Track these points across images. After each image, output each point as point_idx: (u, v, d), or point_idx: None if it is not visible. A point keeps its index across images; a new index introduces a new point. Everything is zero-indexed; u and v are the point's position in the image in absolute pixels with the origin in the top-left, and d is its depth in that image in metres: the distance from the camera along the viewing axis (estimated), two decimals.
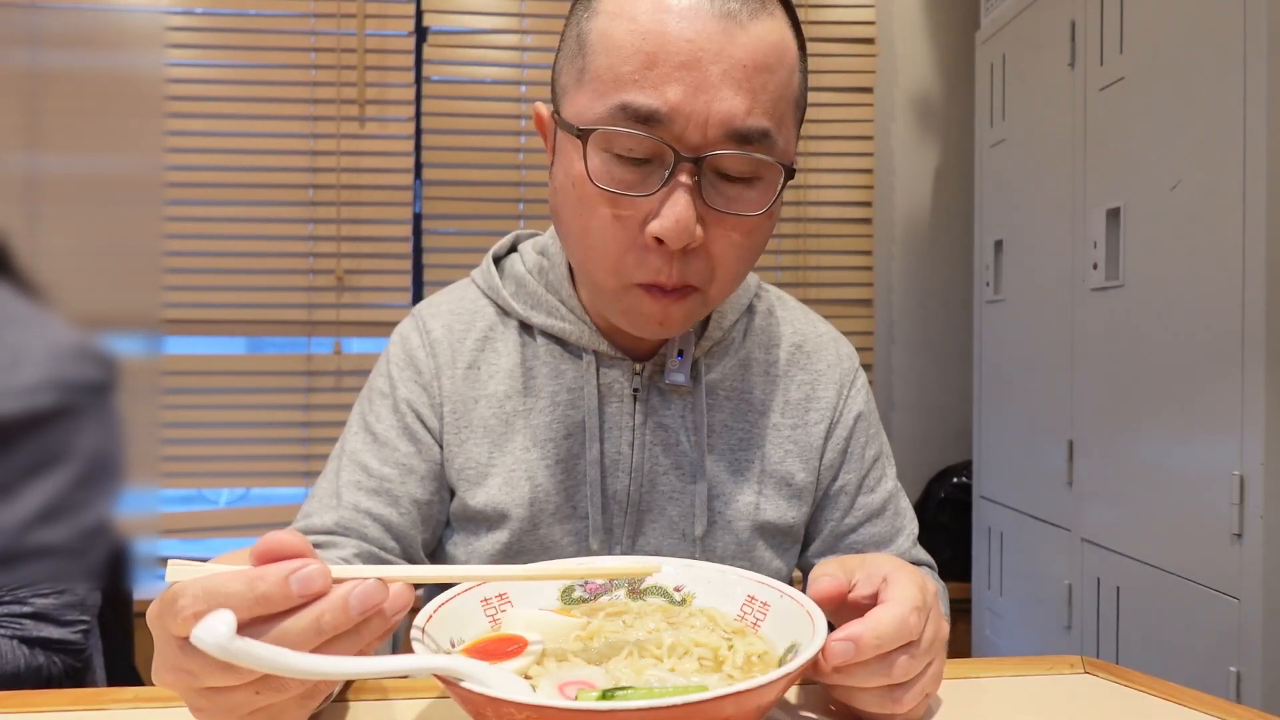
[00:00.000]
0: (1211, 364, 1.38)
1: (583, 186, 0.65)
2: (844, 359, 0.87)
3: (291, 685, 0.42)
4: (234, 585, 0.40)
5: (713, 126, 0.62)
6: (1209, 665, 1.38)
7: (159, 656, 0.43)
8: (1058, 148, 1.85)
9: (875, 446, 0.87)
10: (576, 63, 0.67)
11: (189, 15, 2.34)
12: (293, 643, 0.40)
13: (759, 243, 0.70)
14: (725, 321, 0.81)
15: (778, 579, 0.82)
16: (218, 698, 0.43)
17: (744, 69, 0.63)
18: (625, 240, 0.65)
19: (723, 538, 0.79)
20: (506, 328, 0.80)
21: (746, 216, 0.66)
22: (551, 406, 0.77)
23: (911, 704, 0.53)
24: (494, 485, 0.76)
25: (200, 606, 0.40)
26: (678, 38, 0.62)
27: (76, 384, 0.90)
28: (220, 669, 0.40)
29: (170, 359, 2.31)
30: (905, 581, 0.54)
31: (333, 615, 0.41)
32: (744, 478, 0.80)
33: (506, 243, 0.86)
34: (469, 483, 0.77)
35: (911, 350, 2.58)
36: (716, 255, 0.67)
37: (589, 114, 0.64)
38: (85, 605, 0.91)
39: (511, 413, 0.77)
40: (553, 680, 0.48)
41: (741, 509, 0.79)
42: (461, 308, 0.82)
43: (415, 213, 2.42)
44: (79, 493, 0.90)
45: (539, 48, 2.43)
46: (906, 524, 0.87)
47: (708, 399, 0.79)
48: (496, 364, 0.79)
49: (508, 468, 0.77)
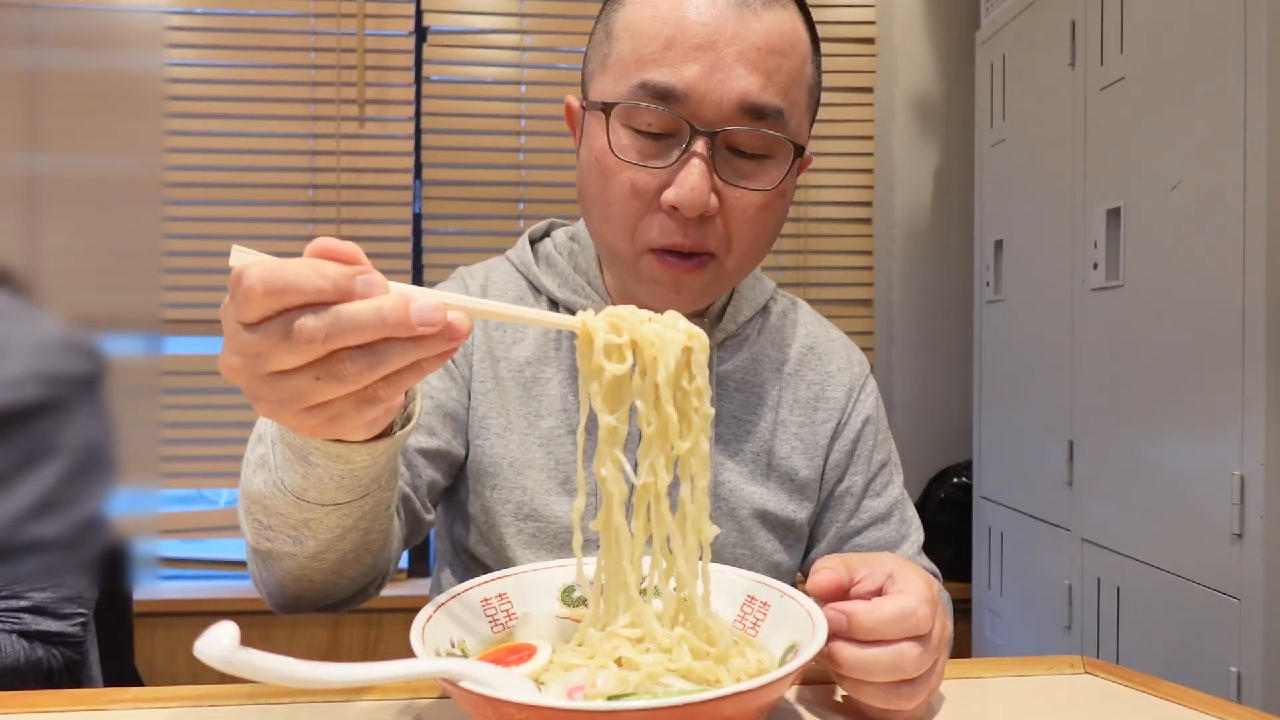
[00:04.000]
0: (1211, 364, 1.38)
1: (604, 159, 0.70)
2: (854, 364, 0.89)
3: (349, 374, 0.41)
4: (300, 266, 0.40)
5: (727, 103, 0.67)
6: (1209, 665, 1.38)
7: (225, 347, 0.43)
8: (1058, 148, 1.85)
9: (883, 452, 0.88)
10: (602, 49, 0.72)
11: (189, 15, 2.34)
12: (348, 324, 0.40)
13: (772, 222, 0.73)
14: (741, 316, 0.84)
15: (782, 574, 0.83)
16: (279, 385, 0.42)
17: (758, 50, 0.67)
18: (642, 208, 0.70)
19: (724, 524, 0.80)
20: (537, 301, 0.83)
21: (758, 191, 0.70)
22: (569, 379, 0.80)
23: (917, 700, 0.53)
24: (511, 443, 0.79)
25: (268, 278, 0.39)
26: (696, 22, 0.67)
27: (63, 377, 0.89)
28: (283, 343, 0.40)
29: (170, 359, 2.31)
30: (913, 577, 0.54)
31: (394, 311, 0.40)
32: (749, 468, 0.82)
33: (542, 227, 0.90)
34: (488, 433, 0.79)
35: (911, 350, 2.58)
36: (732, 227, 0.70)
37: (612, 92, 0.70)
38: (82, 598, 0.91)
39: (531, 379, 0.80)
40: (562, 685, 0.48)
41: (744, 497, 0.81)
42: (497, 276, 0.86)
43: (415, 213, 2.42)
44: (71, 486, 0.90)
45: (539, 48, 2.43)
46: (912, 531, 0.87)
47: (718, 389, 0.82)
48: (524, 331, 0.82)
49: (521, 432, 0.79)
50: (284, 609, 0.69)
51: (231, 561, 2.36)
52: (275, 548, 0.61)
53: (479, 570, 0.80)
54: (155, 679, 1.89)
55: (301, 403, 0.43)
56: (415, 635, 0.49)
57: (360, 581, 0.69)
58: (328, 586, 0.66)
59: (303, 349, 0.40)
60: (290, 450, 0.52)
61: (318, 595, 0.67)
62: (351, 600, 0.70)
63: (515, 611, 0.59)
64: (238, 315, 0.41)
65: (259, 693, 0.58)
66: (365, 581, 0.69)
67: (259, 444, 0.58)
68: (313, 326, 0.40)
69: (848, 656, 0.52)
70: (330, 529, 0.58)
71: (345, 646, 2.26)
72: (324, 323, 0.40)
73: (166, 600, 2.18)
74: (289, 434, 0.51)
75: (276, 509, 0.57)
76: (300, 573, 0.63)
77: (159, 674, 2.09)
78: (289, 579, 0.64)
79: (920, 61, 2.58)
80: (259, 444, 0.58)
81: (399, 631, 2.32)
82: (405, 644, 0.49)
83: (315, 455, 0.51)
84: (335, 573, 0.64)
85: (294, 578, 0.64)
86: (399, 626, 2.54)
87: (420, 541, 0.78)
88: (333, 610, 0.70)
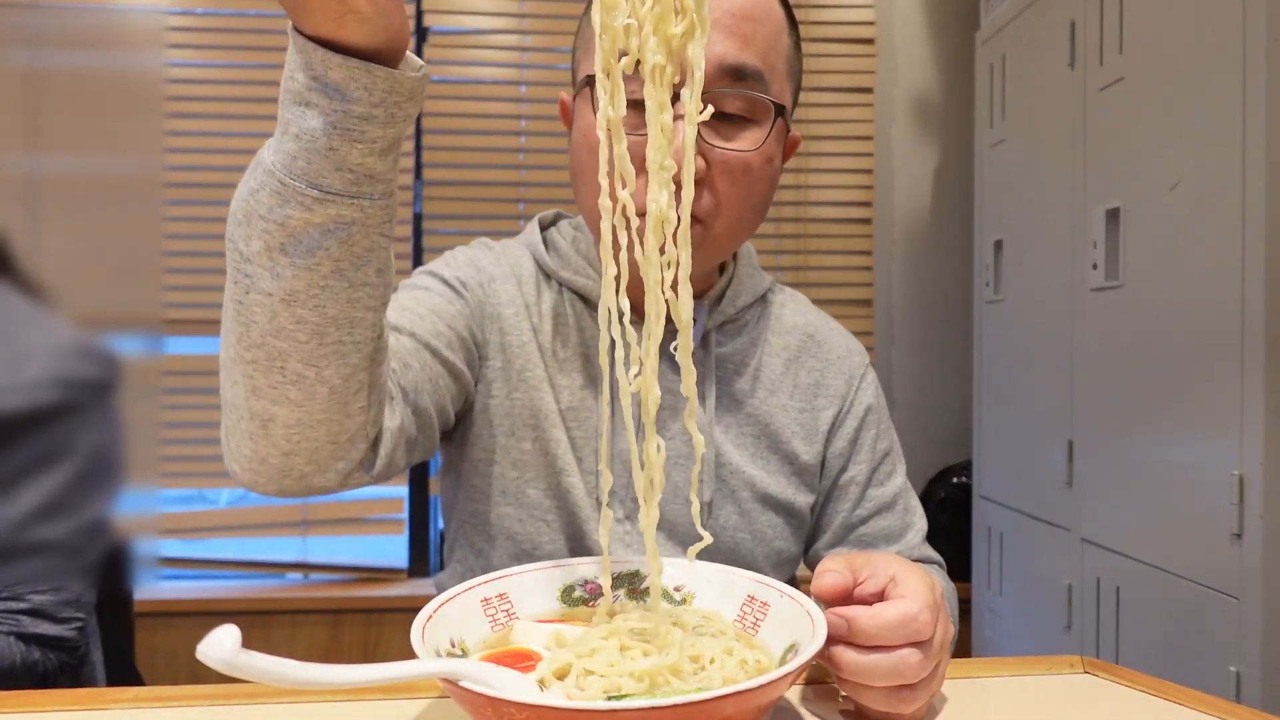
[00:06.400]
0: (1211, 364, 1.38)
1: (591, 132, 0.68)
2: (854, 353, 0.90)
3: None
4: None
5: (708, 68, 0.68)
6: (1209, 665, 1.38)
7: None
8: (1058, 148, 1.85)
9: (886, 441, 0.89)
10: (585, 34, 0.75)
11: (189, 15, 2.34)
12: None
13: (759, 189, 0.75)
14: (739, 301, 0.84)
15: (784, 562, 0.84)
16: None
17: (732, 16, 0.70)
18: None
19: (726, 506, 0.81)
20: (543, 280, 0.84)
21: (743, 152, 0.71)
22: (573, 357, 0.81)
23: (918, 704, 0.53)
24: (516, 407, 0.80)
25: None
26: None
27: (79, 381, 0.91)
28: None
29: (170, 359, 2.31)
30: (915, 581, 0.54)
31: None
32: (750, 450, 0.82)
33: (550, 216, 0.91)
34: (527, 385, 0.80)
35: (911, 350, 2.58)
36: (720, 191, 0.72)
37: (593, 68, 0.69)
38: (81, 603, 0.91)
39: (538, 350, 0.81)
40: (563, 687, 0.48)
41: (746, 479, 0.81)
42: (508, 253, 0.87)
43: (415, 213, 2.42)
44: (79, 490, 0.90)
45: (539, 48, 2.43)
46: (916, 520, 0.88)
47: (718, 371, 0.83)
48: (532, 305, 0.83)
49: (527, 403, 0.80)
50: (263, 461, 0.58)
51: (232, 561, 2.36)
52: (251, 292, 0.53)
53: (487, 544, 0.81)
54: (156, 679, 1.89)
55: None
56: (415, 635, 0.50)
57: (350, 425, 0.58)
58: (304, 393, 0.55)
59: None
60: (291, 102, 0.49)
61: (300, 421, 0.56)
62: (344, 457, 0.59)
63: (515, 611, 0.59)
64: None
65: (259, 693, 0.58)
66: (354, 428, 0.59)
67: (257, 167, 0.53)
68: None
69: (848, 661, 0.52)
70: (312, 249, 0.51)
71: (345, 647, 2.26)
72: None
73: (167, 600, 2.18)
74: (292, 83, 0.49)
75: (258, 212, 0.51)
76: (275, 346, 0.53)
77: (159, 674, 2.09)
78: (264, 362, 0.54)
79: (920, 61, 2.58)
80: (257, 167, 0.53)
81: (399, 631, 2.32)
82: (405, 644, 0.49)
83: (315, 95, 0.48)
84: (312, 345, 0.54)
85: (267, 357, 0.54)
86: (399, 626, 2.53)
87: (421, 460, 0.74)
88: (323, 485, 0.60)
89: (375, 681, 0.43)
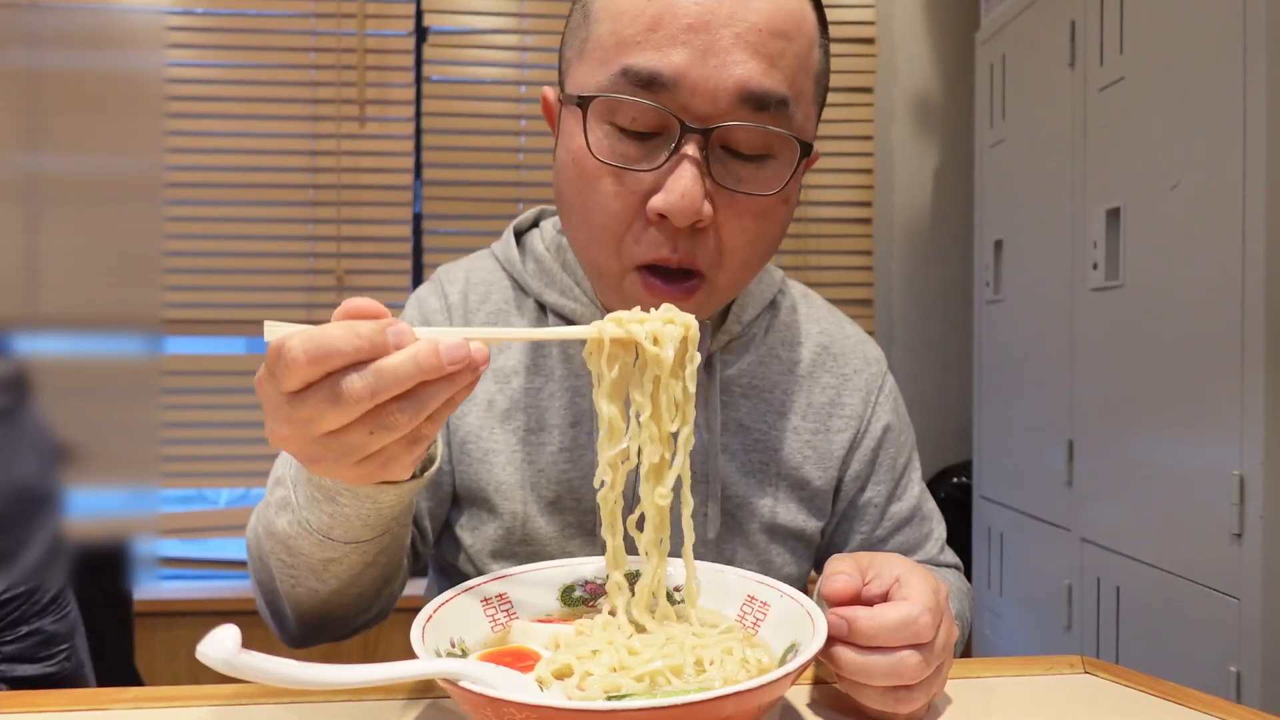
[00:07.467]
0: (1211, 364, 1.38)
1: (583, 161, 0.62)
2: (872, 363, 0.82)
3: (400, 423, 0.44)
4: (336, 331, 0.43)
5: (723, 94, 0.58)
6: (1209, 665, 1.38)
7: (270, 419, 0.45)
8: (1058, 148, 1.85)
9: (905, 454, 0.83)
10: (580, 34, 0.64)
11: (189, 15, 2.34)
12: (390, 379, 0.43)
13: (773, 230, 0.65)
14: (745, 316, 0.77)
15: (794, 581, 0.79)
16: (333, 443, 0.45)
17: (759, 32, 0.58)
18: (626, 218, 0.62)
19: (732, 540, 0.76)
20: (522, 305, 0.77)
21: (758, 196, 0.61)
22: (560, 391, 0.74)
23: (916, 705, 0.53)
24: (496, 465, 0.73)
25: (309, 346, 0.42)
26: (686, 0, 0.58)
27: None
28: (333, 407, 0.43)
29: (170, 359, 2.31)
30: (918, 583, 0.53)
31: (428, 357, 0.43)
32: (758, 478, 0.76)
33: (530, 217, 0.83)
34: (470, 459, 0.74)
35: (911, 350, 2.58)
36: (725, 239, 0.62)
37: (590, 83, 0.61)
38: (57, 636, 0.87)
39: (518, 390, 0.74)
40: (563, 688, 0.48)
41: (755, 512, 0.76)
42: (479, 278, 0.79)
43: (415, 213, 2.42)
44: (7, 536, 0.83)
45: (539, 48, 2.43)
46: (934, 527, 0.84)
47: (723, 395, 0.75)
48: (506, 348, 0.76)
49: (510, 448, 0.73)
50: (300, 644, 0.70)
51: (231, 561, 2.36)
52: (298, 586, 0.62)
53: None
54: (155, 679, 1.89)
55: (357, 455, 0.45)
56: (415, 635, 0.50)
57: (372, 612, 0.70)
58: (345, 621, 0.68)
59: (352, 407, 0.43)
60: (318, 491, 0.54)
61: (335, 629, 0.69)
62: (362, 629, 0.71)
63: (516, 611, 0.59)
64: (282, 386, 0.43)
65: (260, 693, 0.58)
66: (376, 612, 0.71)
67: (279, 487, 0.59)
68: (360, 386, 0.42)
69: (848, 660, 0.52)
70: (352, 566, 0.60)
71: (345, 647, 2.24)
72: (368, 381, 0.42)
73: (166, 600, 2.18)
74: (317, 477, 0.53)
75: (300, 549, 0.58)
76: (321, 609, 0.64)
77: (159, 674, 2.09)
78: (310, 616, 0.65)
79: (920, 61, 2.58)
80: (279, 487, 0.59)
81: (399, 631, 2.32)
82: (405, 644, 0.49)
83: (344, 496, 0.53)
84: (354, 606, 0.66)
85: (315, 614, 0.65)
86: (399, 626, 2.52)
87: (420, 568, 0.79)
88: (343, 639, 0.71)
89: (375, 681, 0.43)
